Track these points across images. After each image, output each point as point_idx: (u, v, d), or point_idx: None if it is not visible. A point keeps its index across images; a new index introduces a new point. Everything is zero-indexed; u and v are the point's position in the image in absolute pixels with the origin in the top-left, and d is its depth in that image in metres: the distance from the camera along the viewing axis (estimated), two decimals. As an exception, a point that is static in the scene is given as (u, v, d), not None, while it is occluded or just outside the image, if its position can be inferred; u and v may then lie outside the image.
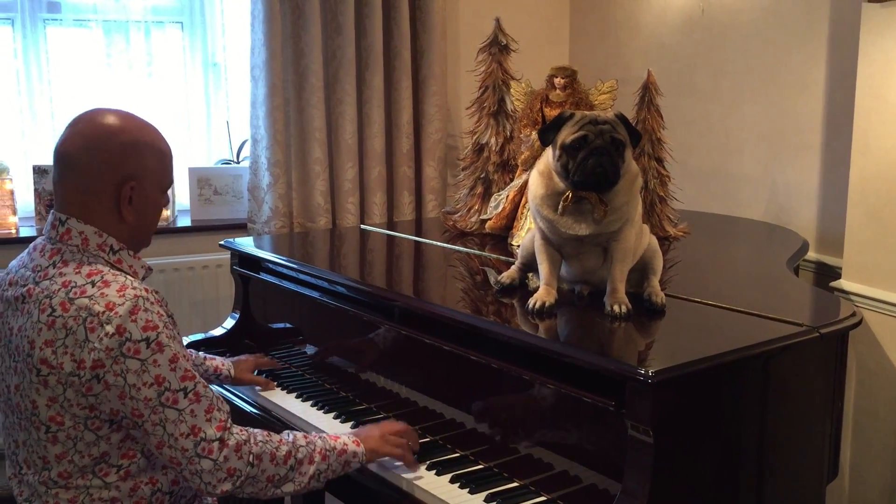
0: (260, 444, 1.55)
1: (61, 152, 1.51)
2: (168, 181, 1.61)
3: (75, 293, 1.43)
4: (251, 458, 1.52)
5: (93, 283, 1.44)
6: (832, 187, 2.90)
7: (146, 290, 1.47)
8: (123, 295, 1.43)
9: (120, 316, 1.41)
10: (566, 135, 1.72)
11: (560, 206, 1.74)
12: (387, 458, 1.73)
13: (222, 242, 2.61)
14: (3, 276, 1.58)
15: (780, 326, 1.70)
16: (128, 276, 1.49)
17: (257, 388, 2.19)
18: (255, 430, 1.58)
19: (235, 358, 2.22)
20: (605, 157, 1.69)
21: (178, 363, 1.46)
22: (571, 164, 1.70)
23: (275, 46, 3.28)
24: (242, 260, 2.52)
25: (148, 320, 1.43)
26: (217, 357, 2.19)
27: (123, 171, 1.51)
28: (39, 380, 1.43)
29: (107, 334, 1.40)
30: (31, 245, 1.56)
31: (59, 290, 1.44)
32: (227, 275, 2.99)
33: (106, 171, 1.50)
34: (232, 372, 2.17)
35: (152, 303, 1.46)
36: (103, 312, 1.41)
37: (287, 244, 2.89)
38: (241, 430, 1.54)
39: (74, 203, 1.51)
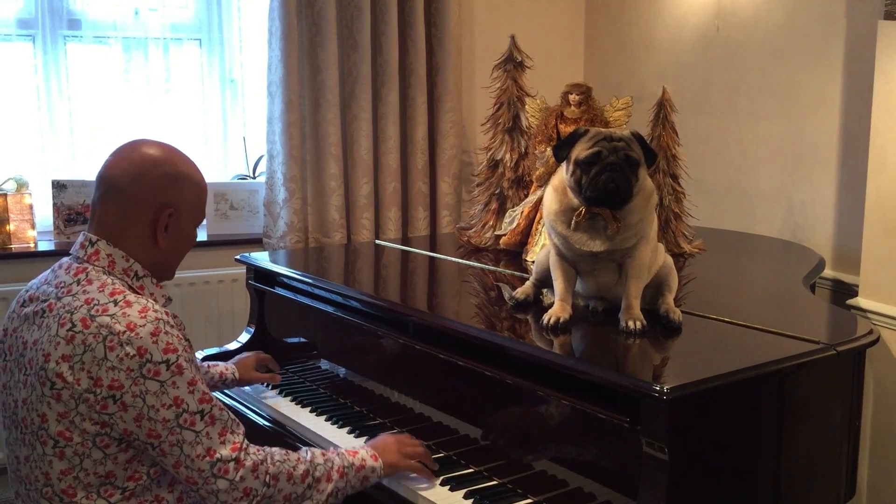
0: (277, 463, 1.56)
1: (106, 176, 1.56)
2: (201, 216, 1.66)
3: (97, 310, 1.44)
4: (267, 479, 1.53)
5: (115, 303, 1.46)
6: (848, 205, 2.89)
7: (166, 314, 1.49)
8: (145, 317, 1.45)
9: (141, 337, 1.42)
10: (580, 150, 1.73)
11: (573, 222, 1.74)
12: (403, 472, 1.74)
13: (238, 257, 2.62)
14: (23, 294, 1.59)
15: (796, 344, 1.69)
16: (149, 300, 1.51)
17: (265, 387, 2.25)
18: (273, 450, 1.59)
19: (236, 359, 2.25)
20: (618, 173, 1.69)
21: (197, 386, 1.48)
22: (584, 180, 1.71)
23: (291, 63, 3.31)
24: (258, 274, 2.54)
25: (168, 343, 1.45)
26: (219, 363, 2.22)
27: (164, 198, 1.56)
28: (53, 393, 1.43)
29: (127, 355, 1.41)
30: (56, 263, 1.58)
31: (82, 306, 1.45)
32: (243, 289, 3.01)
33: (148, 197, 1.55)
34: (237, 374, 2.20)
35: (172, 326, 1.48)
36: (124, 332, 1.42)
37: (302, 259, 2.90)
38: (257, 450, 1.55)
39: (111, 225, 1.55)
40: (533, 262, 2.26)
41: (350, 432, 2.01)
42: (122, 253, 1.54)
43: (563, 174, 1.79)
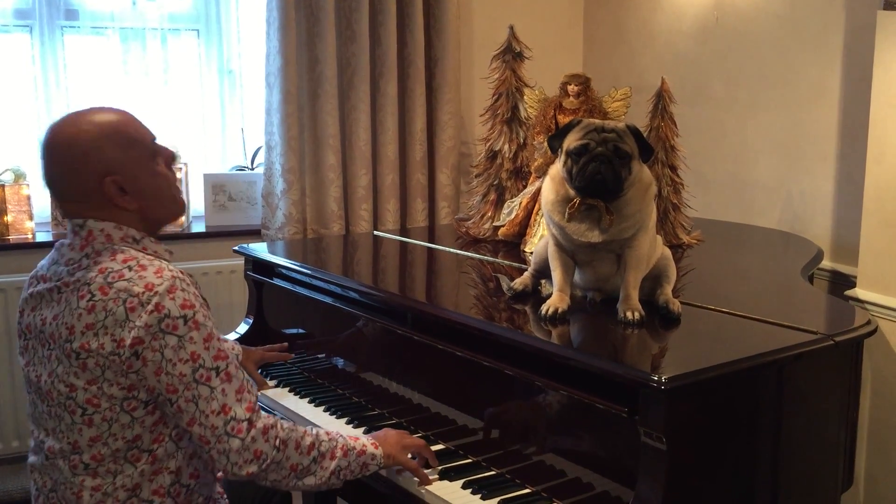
0: (286, 430, 1.58)
1: (45, 182, 1.58)
2: (149, 149, 1.57)
3: (114, 277, 1.47)
4: (277, 443, 1.54)
5: (129, 268, 1.49)
6: (847, 196, 2.88)
7: (181, 272, 1.52)
8: (161, 276, 1.48)
9: (159, 294, 1.45)
10: (571, 141, 1.74)
11: (566, 213, 1.75)
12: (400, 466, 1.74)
13: (236, 248, 2.62)
14: (31, 278, 1.61)
15: (794, 334, 1.69)
16: (162, 260, 1.54)
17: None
18: (281, 419, 1.60)
19: (246, 347, 2.28)
20: (606, 164, 1.70)
21: (212, 342, 1.50)
22: (574, 170, 1.72)
23: (290, 54, 3.30)
24: (256, 265, 2.54)
25: (185, 299, 1.48)
26: (229, 339, 2.28)
27: (94, 173, 1.51)
28: (79, 363, 1.46)
29: (147, 312, 1.44)
30: (58, 243, 1.59)
31: (97, 276, 1.48)
32: (241, 280, 3.00)
33: (81, 182, 1.52)
34: (239, 358, 2.21)
35: (188, 284, 1.51)
36: (143, 293, 1.45)
37: (300, 249, 2.90)
38: (267, 416, 1.57)
39: (81, 212, 1.55)
40: (531, 253, 2.26)
41: (349, 423, 2.01)
42: (113, 224, 1.54)
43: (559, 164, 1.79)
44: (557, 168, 1.80)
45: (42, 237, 3.21)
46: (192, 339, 1.47)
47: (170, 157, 1.62)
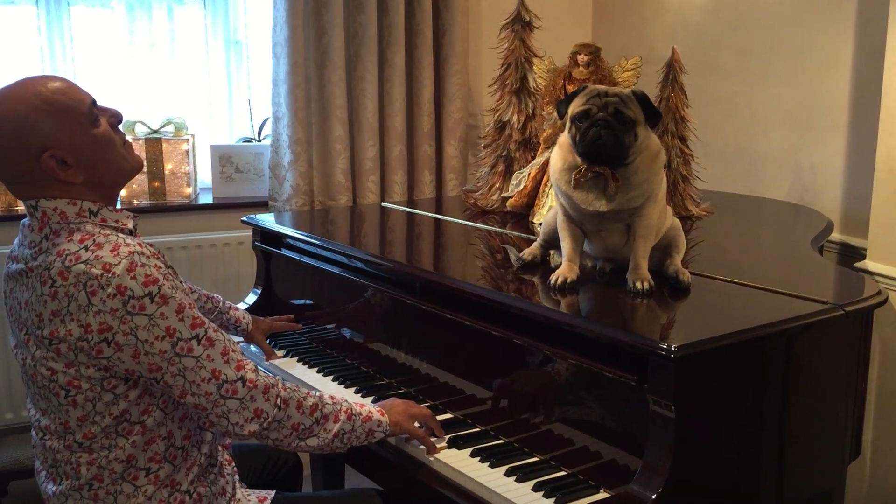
0: (288, 390, 1.57)
1: None
2: (88, 115, 1.49)
3: (71, 260, 1.43)
4: (279, 401, 1.54)
5: (86, 248, 1.44)
6: (858, 168, 2.86)
7: (140, 245, 1.45)
8: (118, 254, 1.42)
9: (118, 275, 1.40)
10: (574, 107, 1.74)
11: (572, 180, 1.74)
12: (407, 435, 1.75)
13: (244, 218, 2.62)
14: (9, 252, 1.59)
15: (804, 304, 1.69)
16: (119, 235, 1.48)
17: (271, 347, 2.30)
18: (283, 380, 1.60)
19: (255, 317, 2.30)
20: (607, 129, 1.68)
21: (185, 312, 1.46)
22: (578, 136, 1.71)
23: (296, 23, 3.28)
24: (264, 236, 2.54)
25: (147, 275, 1.42)
26: (240, 309, 2.27)
27: (30, 151, 1.45)
28: (53, 349, 1.45)
29: (109, 296, 1.40)
30: (22, 223, 1.55)
31: (55, 260, 1.44)
32: (249, 252, 3.01)
33: (20, 163, 1.46)
34: (249, 328, 2.25)
35: (148, 256, 1.44)
36: (101, 275, 1.40)
37: (308, 220, 2.89)
38: (267, 375, 1.56)
39: (30, 193, 1.49)
40: (540, 224, 2.26)
41: (357, 392, 2.02)
42: (66, 200, 1.49)
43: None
44: (566, 136, 1.79)
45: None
46: (164, 315, 1.43)
47: (115, 117, 1.56)
